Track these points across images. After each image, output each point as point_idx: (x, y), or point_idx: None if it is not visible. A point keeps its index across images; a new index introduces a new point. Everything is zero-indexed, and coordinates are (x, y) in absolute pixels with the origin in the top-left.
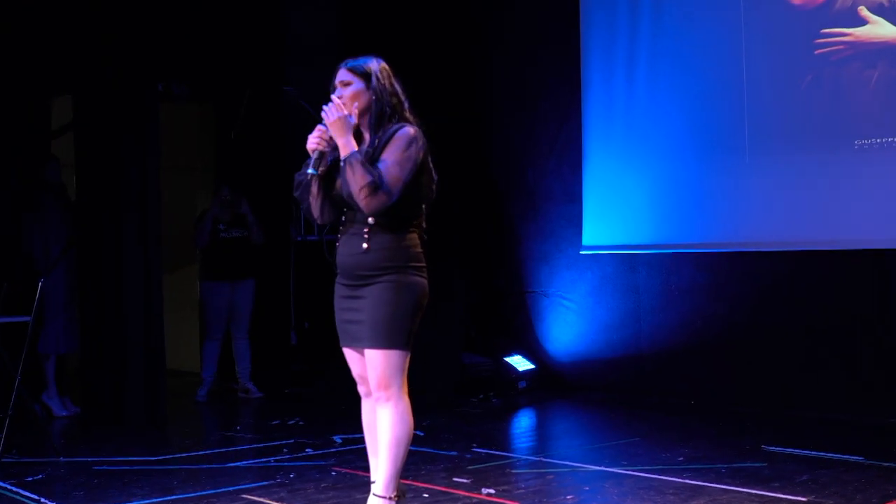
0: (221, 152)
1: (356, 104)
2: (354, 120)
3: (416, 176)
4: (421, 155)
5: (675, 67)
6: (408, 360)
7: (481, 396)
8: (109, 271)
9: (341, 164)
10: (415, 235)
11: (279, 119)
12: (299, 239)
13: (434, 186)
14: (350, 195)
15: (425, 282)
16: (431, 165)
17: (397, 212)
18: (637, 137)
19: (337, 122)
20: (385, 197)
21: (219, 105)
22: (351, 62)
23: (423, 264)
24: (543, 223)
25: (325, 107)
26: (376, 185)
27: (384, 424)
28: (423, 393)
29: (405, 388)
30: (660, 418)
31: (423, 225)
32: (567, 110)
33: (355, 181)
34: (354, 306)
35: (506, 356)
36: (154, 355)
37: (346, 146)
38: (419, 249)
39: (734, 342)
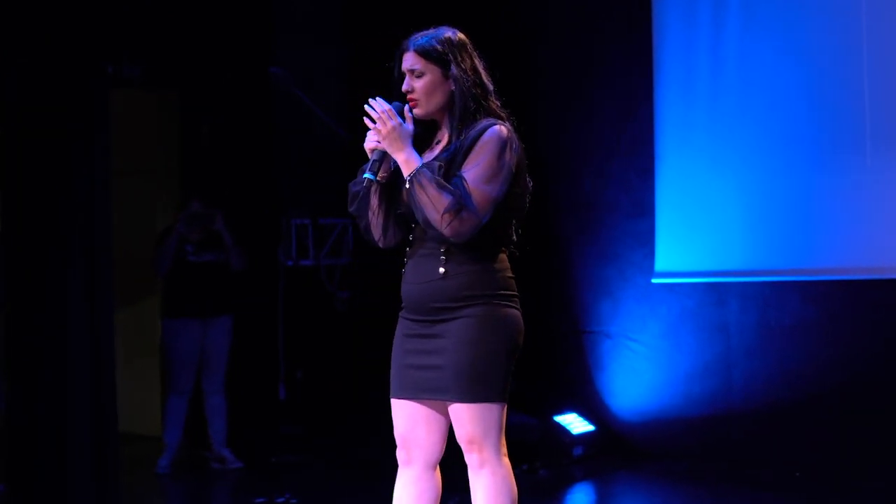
0: (189, 153)
1: (431, 100)
2: (410, 127)
3: (509, 186)
4: (515, 160)
5: (773, 42)
6: (505, 413)
7: (525, 467)
8: (45, 308)
9: (405, 186)
10: (504, 257)
11: (264, 110)
12: (290, 264)
13: (528, 197)
14: (426, 221)
15: (520, 314)
16: (526, 170)
17: (483, 227)
18: (725, 133)
19: (389, 137)
20: (474, 219)
21: (185, 92)
22: (421, 40)
23: (516, 293)
24: (605, 244)
25: (370, 106)
26: (459, 206)
27: (480, 497)
28: (450, 462)
29: (504, 449)
30: (755, 495)
31: (514, 242)
32: (635, 98)
33: (431, 206)
34: (428, 348)
35: (557, 415)
36: (103, 415)
37: (408, 161)
38: (510, 274)
39: (852, 396)
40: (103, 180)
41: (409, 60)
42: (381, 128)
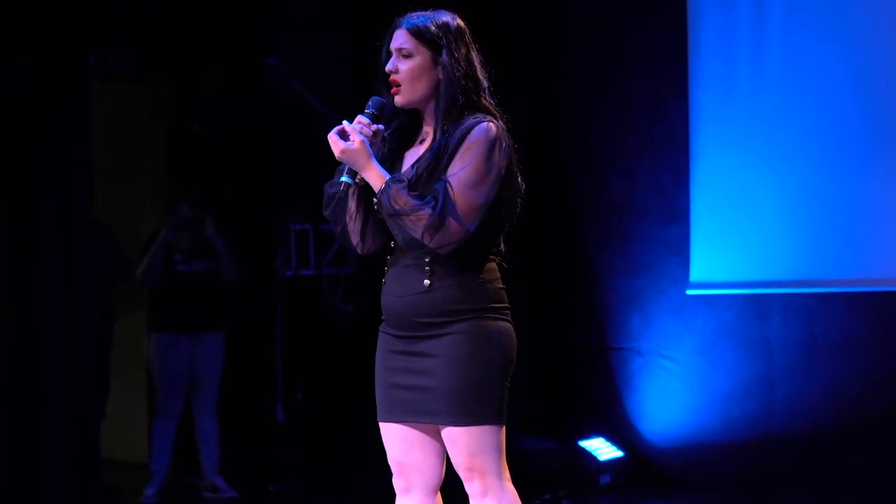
0: (178, 152)
1: (416, 87)
2: (353, 146)
3: (499, 189)
4: (505, 162)
5: (818, 34)
6: (504, 434)
7: (548, 496)
8: (21, 323)
9: (375, 204)
10: (494, 266)
11: (260, 105)
12: (289, 274)
13: (520, 200)
14: (408, 242)
15: (512, 327)
16: (518, 172)
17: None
18: (766, 132)
19: (344, 160)
20: (460, 229)
21: (175, 85)
22: (416, 19)
23: (507, 304)
24: (635, 252)
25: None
26: (441, 218)
27: None
28: (465, 490)
29: (507, 474)
30: None
31: (503, 251)
32: (668, 93)
33: (409, 225)
34: (415, 367)
35: (582, 440)
36: (84, 440)
37: (372, 177)
38: (500, 285)
39: None
40: (84, 180)
41: (400, 39)
42: (335, 146)
